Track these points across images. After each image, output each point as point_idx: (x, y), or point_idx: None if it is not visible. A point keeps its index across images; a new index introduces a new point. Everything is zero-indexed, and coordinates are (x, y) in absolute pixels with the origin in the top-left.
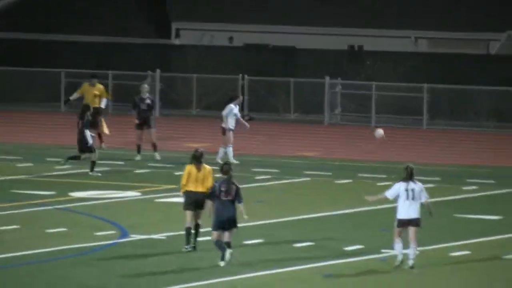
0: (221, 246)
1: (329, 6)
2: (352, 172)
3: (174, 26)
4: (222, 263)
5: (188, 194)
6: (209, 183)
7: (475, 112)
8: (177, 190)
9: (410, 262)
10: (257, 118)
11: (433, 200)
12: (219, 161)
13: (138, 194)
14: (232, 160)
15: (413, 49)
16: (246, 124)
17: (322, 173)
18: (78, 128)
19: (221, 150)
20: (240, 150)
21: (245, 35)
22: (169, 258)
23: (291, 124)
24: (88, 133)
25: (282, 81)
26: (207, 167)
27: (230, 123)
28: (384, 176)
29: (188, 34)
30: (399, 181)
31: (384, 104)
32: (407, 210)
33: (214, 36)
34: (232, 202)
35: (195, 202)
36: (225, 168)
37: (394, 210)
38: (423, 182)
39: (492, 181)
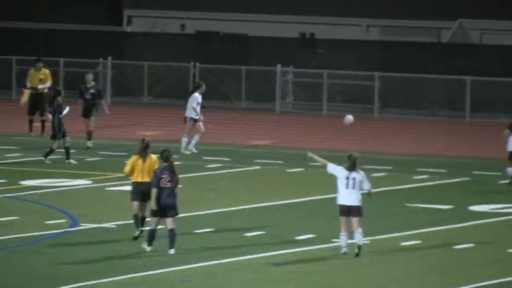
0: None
1: None
2: (304, 161)
3: (126, 13)
4: (172, 251)
5: (134, 185)
6: None
7: (427, 101)
8: (128, 178)
9: (356, 250)
10: (209, 106)
11: (384, 189)
12: (185, 152)
13: (89, 182)
14: (193, 149)
15: (365, 37)
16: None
17: (273, 161)
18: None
19: (184, 140)
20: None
21: (197, 22)
22: (120, 247)
23: (242, 112)
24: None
25: (234, 69)
26: (153, 157)
27: (194, 113)
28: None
29: (140, 21)
30: (343, 166)
31: (336, 92)
32: (347, 197)
33: (166, 24)
34: (173, 189)
35: (141, 193)
36: (165, 154)
37: None
38: (374, 171)
39: (444, 170)
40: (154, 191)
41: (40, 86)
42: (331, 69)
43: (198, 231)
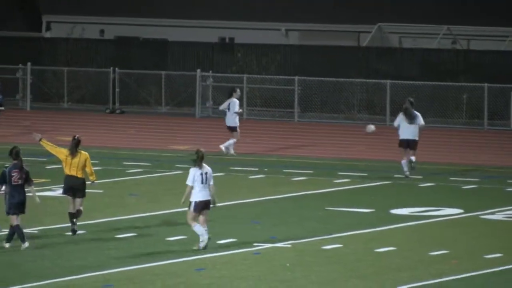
0: (17, 232)
1: None
2: (225, 165)
3: (45, 19)
4: (24, 245)
5: (66, 178)
6: (88, 168)
7: (346, 104)
8: (49, 184)
9: (201, 245)
10: (129, 111)
11: (305, 193)
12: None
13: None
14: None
15: (284, 41)
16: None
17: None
18: None
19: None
20: (112, 144)
21: (116, 28)
22: (42, 252)
23: (162, 117)
24: None
25: (154, 74)
26: (84, 153)
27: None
28: (256, 169)
29: (58, 27)
30: (194, 167)
31: (256, 96)
32: (203, 193)
33: (84, 29)
34: (22, 186)
35: (72, 188)
36: (15, 151)
37: (262, 202)
38: (295, 175)
39: (365, 174)
40: (2, 188)
41: None
42: (250, 74)
43: (119, 235)
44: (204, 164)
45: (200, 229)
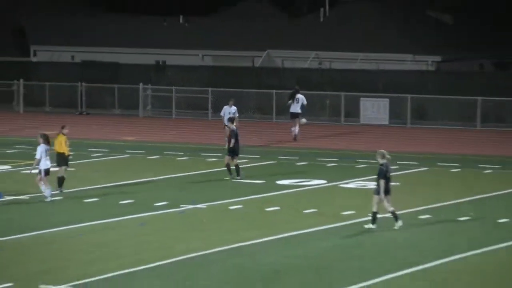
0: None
1: (142, 31)
2: (160, 150)
3: (32, 48)
4: None
5: (58, 154)
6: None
7: (245, 107)
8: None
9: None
10: (92, 113)
11: (217, 169)
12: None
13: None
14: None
15: (201, 63)
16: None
17: (138, 151)
18: None
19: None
20: (80, 136)
21: (82, 54)
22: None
23: (116, 117)
24: None
25: (109, 87)
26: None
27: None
28: (181, 153)
29: (42, 53)
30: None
31: (182, 102)
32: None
33: (61, 55)
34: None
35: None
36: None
37: (186, 176)
38: (209, 157)
39: (258, 156)
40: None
41: None
42: (178, 86)
43: (86, 200)
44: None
45: (45, 190)
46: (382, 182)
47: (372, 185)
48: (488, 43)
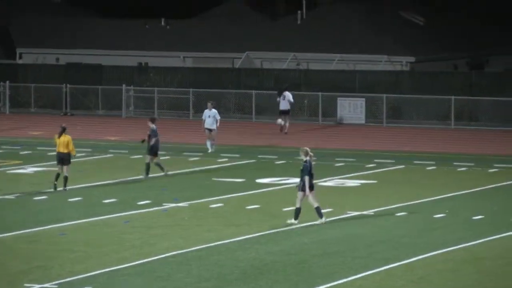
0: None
1: (125, 34)
2: (142, 150)
3: (18, 50)
4: None
5: (57, 154)
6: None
7: (224, 107)
8: (21, 164)
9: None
10: (76, 114)
11: (196, 168)
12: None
13: None
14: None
15: (182, 65)
16: None
17: (122, 151)
18: None
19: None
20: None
21: (67, 56)
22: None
23: (99, 117)
24: None
25: (93, 88)
26: (68, 136)
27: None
28: (164, 152)
29: (28, 56)
30: None
31: (163, 103)
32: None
33: (45, 58)
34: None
35: (61, 159)
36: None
37: (169, 176)
38: (190, 156)
39: (237, 155)
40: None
41: None
42: (160, 87)
43: (70, 199)
44: None
45: None
46: (306, 178)
47: (350, 183)
48: (462, 43)
